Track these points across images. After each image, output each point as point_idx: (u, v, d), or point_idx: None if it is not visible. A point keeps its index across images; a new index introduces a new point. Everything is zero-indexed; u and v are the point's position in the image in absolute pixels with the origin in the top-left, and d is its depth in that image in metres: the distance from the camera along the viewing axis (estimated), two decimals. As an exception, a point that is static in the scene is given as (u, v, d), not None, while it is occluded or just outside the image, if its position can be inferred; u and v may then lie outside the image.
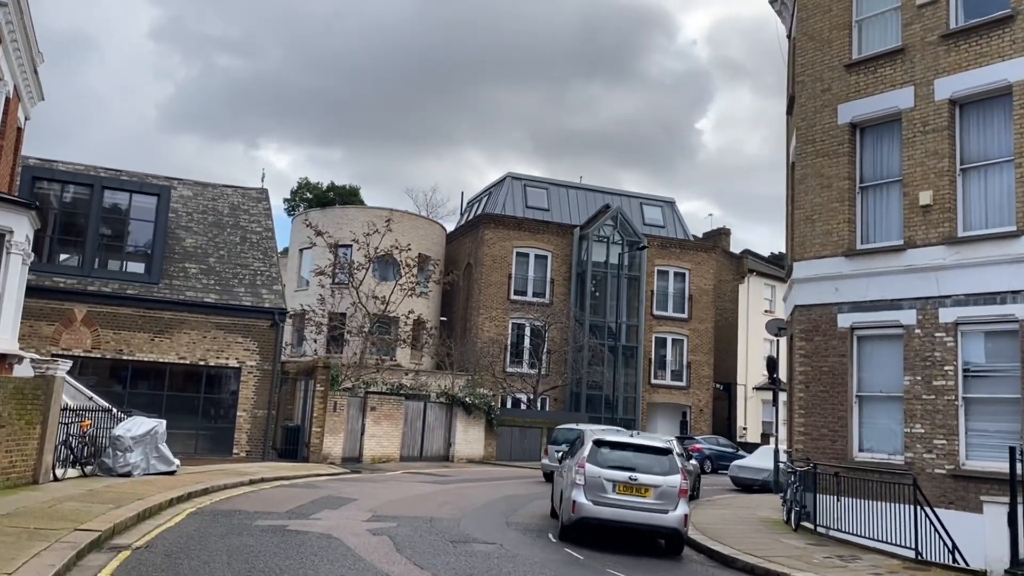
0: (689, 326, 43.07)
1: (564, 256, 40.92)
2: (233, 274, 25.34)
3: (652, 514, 12.50)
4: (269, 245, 27.43)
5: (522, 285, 40.36)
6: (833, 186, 17.42)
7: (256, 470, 20.71)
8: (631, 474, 12.64)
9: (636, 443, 13.38)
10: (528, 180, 43.35)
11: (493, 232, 39.87)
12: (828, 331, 17.09)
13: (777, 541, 14.02)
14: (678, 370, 42.88)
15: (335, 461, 26.29)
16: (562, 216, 42.34)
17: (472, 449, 31.89)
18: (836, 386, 16.79)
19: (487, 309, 39.29)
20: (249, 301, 24.50)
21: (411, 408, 29.93)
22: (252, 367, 24.22)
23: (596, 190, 44.70)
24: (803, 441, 17.17)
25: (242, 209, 28.70)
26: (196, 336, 23.69)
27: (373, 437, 28.09)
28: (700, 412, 42.73)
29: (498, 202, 41.57)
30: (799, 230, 17.96)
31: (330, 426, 26.39)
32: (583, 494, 12.60)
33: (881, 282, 16.20)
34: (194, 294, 23.99)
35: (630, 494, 12.59)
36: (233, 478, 18.49)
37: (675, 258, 43.14)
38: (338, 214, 39.80)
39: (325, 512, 14.65)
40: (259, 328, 24.43)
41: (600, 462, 12.83)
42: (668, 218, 45.23)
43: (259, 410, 24.16)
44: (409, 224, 39.39)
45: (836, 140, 17.51)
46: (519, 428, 33.55)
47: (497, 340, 38.38)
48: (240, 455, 23.78)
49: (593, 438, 13.27)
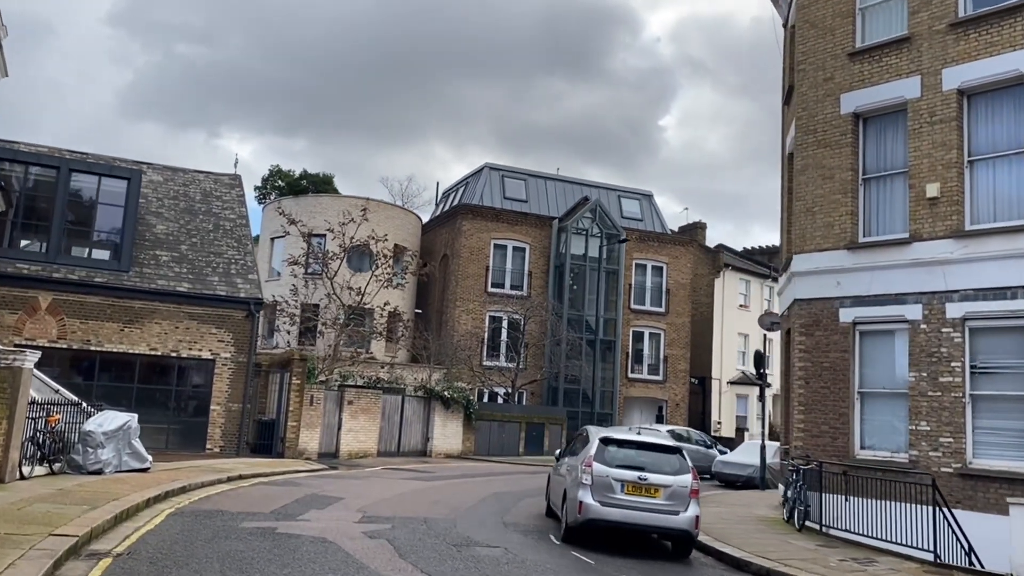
0: (666, 320, 42.75)
1: (542, 248, 40.33)
2: (206, 262, 24.36)
3: (662, 515, 11.96)
4: (243, 233, 26.46)
5: (500, 277, 39.70)
6: (835, 177, 17.01)
7: (232, 467, 19.86)
8: (640, 473, 12.09)
9: (644, 441, 12.83)
10: (506, 171, 42.66)
11: (471, 223, 39.14)
12: (829, 326, 16.69)
13: (785, 542, 13.56)
14: (655, 364, 42.55)
15: (311, 456, 25.47)
16: (540, 208, 41.74)
17: (450, 444, 31.21)
18: (837, 382, 16.41)
19: (464, 301, 38.58)
20: (223, 290, 23.56)
21: (389, 402, 29.17)
22: (226, 359, 23.29)
23: (574, 182, 44.16)
24: (803, 438, 16.77)
25: (215, 195, 27.67)
26: (168, 326, 22.71)
27: (350, 432, 27.29)
28: (676, 406, 42.45)
29: (476, 192, 40.84)
30: (799, 222, 17.53)
31: (306, 420, 25.54)
32: (590, 494, 12.02)
33: (885, 276, 15.82)
34: (166, 283, 22.99)
35: (639, 494, 12.03)
36: (210, 475, 17.64)
37: (653, 252, 42.75)
38: (311, 202, 38.79)
39: (312, 512, 13.91)
40: (234, 319, 23.50)
41: (607, 461, 12.26)
42: (646, 211, 44.84)
43: (234, 404, 23.24)
44: (385, 214, 38.51)
45: (838, 130, 17.10)
46: (497, 422, 32.95)
47: (474, 333, 37.70)
48: (214, 450, 22.87)
49: (599, 435, 12.68)
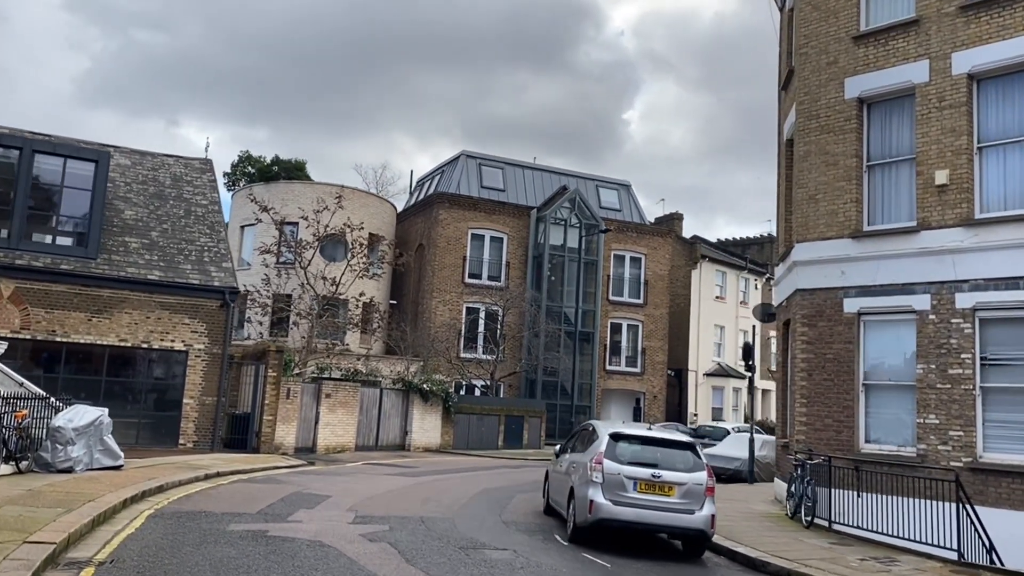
0: (644, 312, 42.35)
1: (520, 238, 39.66)
2: (178, 250, 23.33)
3: (677, 514, 11.38)
4: (216, 219, 25.43)
5: (477, 268, 38.98)
6: (839, 164, 16.55)
7: (209, 463, 18.97)
8: (654, 471, 11.49)
9: (656, 437, 12.24)
10: (483, 159, 41.88)
11: (448, 212, 38.33)
12: (833, 316, 16.24)
13: (796, 540, 13.08)
14: (633, 356, 42.16)
15: (287, 451, 24.59)
16: (518, 197, 41.05)
17: (429, 438, 30.48)
18: (841, 374, 15.97)
19: (440, 292, 37.79)
20: (197, 279, 22.56)
21: (367, 395, 28.34)
22: (200, 350, 22.32)
23: (552, 171, 43.52)
24: (805, 432, 16.32)
25: (185, 180, 26.59)
26: (138, 316, 21.67)
27: (328, 426, 26.44)
28: (654, 399, 42.11)
29: (452, 181, 40.02)
30: (801, 210, 17.05)
31: (283, 414, 24.66)
32: (601, 493, 11.40)
33: (892, 265, 15.39)
34: (136, 270, 21.93)
35: (653, 493, 11.44)
36: (186, 473, 16.75)
37: (631, 242, 42.29)
38: (283, 189, 37.69)
39: (302, 513, 13.14)
40: (208, 308, 22.52)
41: (618, 458, 11.65)
42: (624, 201, 44.36)
43: (208, 397, 22.29)
44: (359, 202, 37.54)
45: (843, 116, 16.62)
46: (476, 415, 32.26)
47: (451, 324, 36.94)
48: (187, 446, 21.91)
49: (609, 431, 12.06)
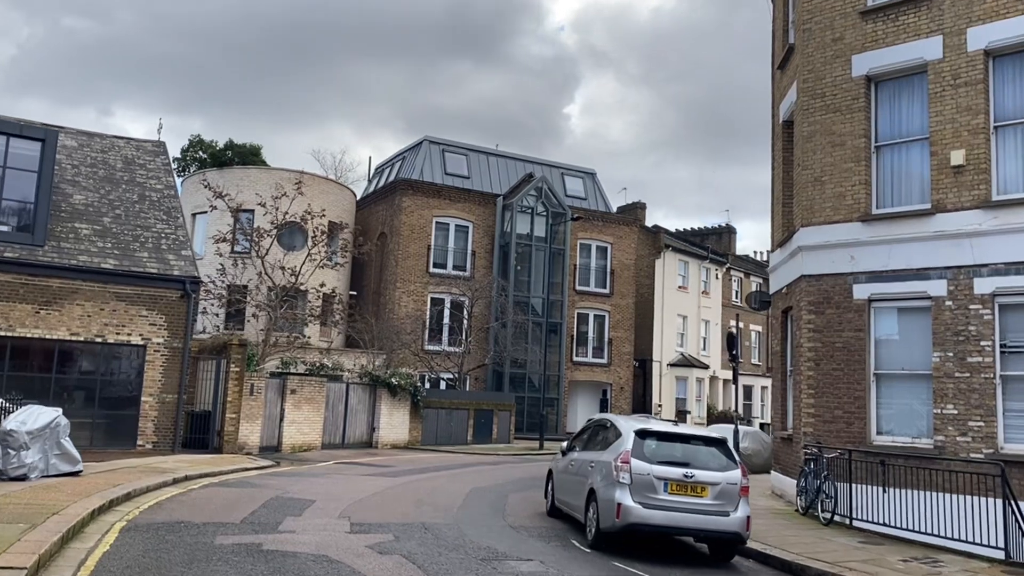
0: (611, 302, 41.64)
1: (486, 227, 38.55)
2: (133, 237, 21.73)
3: (711, 517, 10.52)
4: (173, 204, 23.84)
5: (442, 257, 37.79)
6: (846, 144, 15.87)
7: (174, 466, 17.58)
8: (686, 470, 10.61)
9: (686, 433, 11.37)
10: (446, 145, 40.61)
11: (411, 199, 37.02)
12: (842, 303, 15.58)
13: (823, 539, 12.35)
14: (599, 347, 41.44)
15: (251, 451, 23.21)
16: (483, 184, 39.92)
17: (397, 434, 29.29)
18: (851, 363, 15.33)
19: (405, 282, 36.51)
20: (155, 268, 21.02)
21: (333, 390, 27.03)
22: (159, 344, 20.80)
23: (517, 158, 42.48)
24: (813, 424, 15.65)
25: (138, 163, 24.91)
26: (92, 308, 20.08)
27: (293, 423, 25.08)
28: (620, 390, 41.47)
29: (415, 167, 38.69)
30: (805, 193, 16.34)
31: (246, 412, 23.25)
32: (629, 495, 10.48)
33: (905, 250, 14.77)
34: (88, 259, 20.31)
35: (685, 494, 10.56)
36: (153, 477, 15.39)
37: (597, 231, 41.52)
38: (239, 175, 35.93)
39: (290, 521, 11.97)
40: (167, 299, 21.00)
41: (647, 457, 10.73)
42: (589, 190, 43.56)
43: (168, 395, 20.79)
44: (319, 188, 36.00)
45: (850, 94, 15.94)
46: (445, 410, 31.16)
47: (415, 316, 35.71)
48: (146, 447, 20.41)
49: (635, 428, 11.13)
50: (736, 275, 52.67)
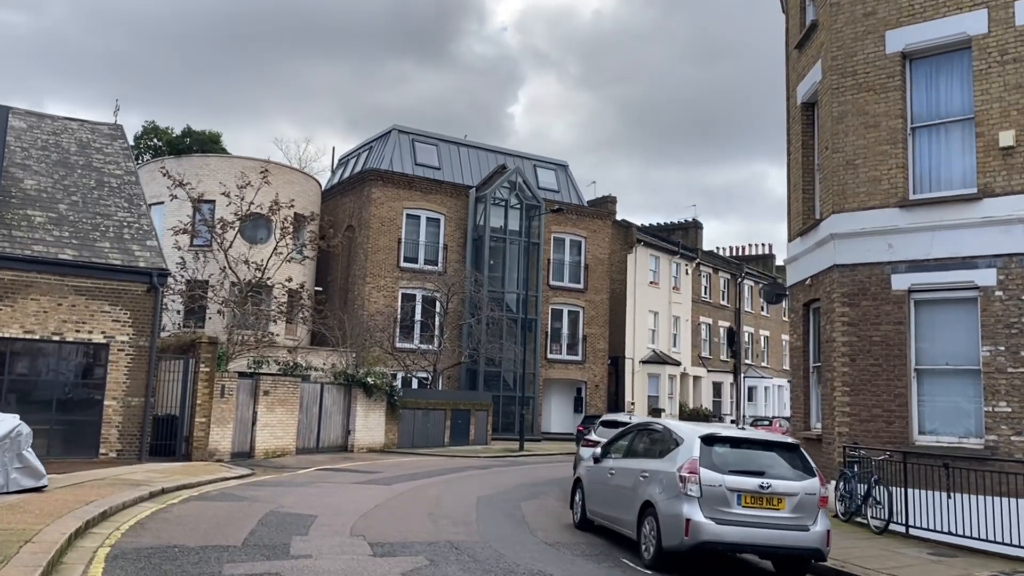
0: (585, 297, 40.55)
1: (458, 220, 37.10)
2: (93, 225, 19.84)
3: (789, 532, 9.34)
4: (134, 191, 21.95)
5: (413, 251, 36.20)
6: (881, 125, 14.89)
7: (145, 477, 15.87)
8: (762, 480, 9.41)
9: (757, 439, 10.17)
10: (416, 134, 39.00)
11: (381, 190, 35.35)
12: (879, 295, 14.60)
13: (891, 551, 11.29)
14: (574, 344, 40.31)
15: (223, 458, 21.49)
16: (454, 176, 38.43)
17: (373, 436, 27.72)
18: (890, 359, 14.35)
19: (375, 277, 34.86)
20: (118, 259, 19.18)
21: (307, 391, 25.35)
22: (124, 343, 18.98)
23: (488, 149, 41.08)
24: (849, 423, 14.65)
25: (93, 147, 22.94)
26: (48, 303, 18.18)
27: (267, 427, 23.37)
28: (595, 388, 40.41)
29: (383, 157, 37.01)
30: (837, 177, 15.32)
31: (217, 415, 21.50)
32: (699, 510, 9.24)
33: (949, 237, 13.84)
34: (44, 249, 18.41)
35: (760, 507, 9.36)
36: (126, 491, 13.70)
37: (571, 225, 40.36)
38: (198, 164, 33.86)
39: (299, 541, 10.49)
40: (132, 293, 19.18)
41: (717, 465, 9.50)
42: (562, 182, 42.39)
43: (134, 398, 18.99)
44: (283, 178, 34.10)
45: (884, 72, 14.97)
46: (422, 411, 29.68)
47: (386, 312, 34.07)
48: (109, 456, 18.59)
49: (699, 433, 9.89)
50: (705, 270, 52.08)
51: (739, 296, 55.37)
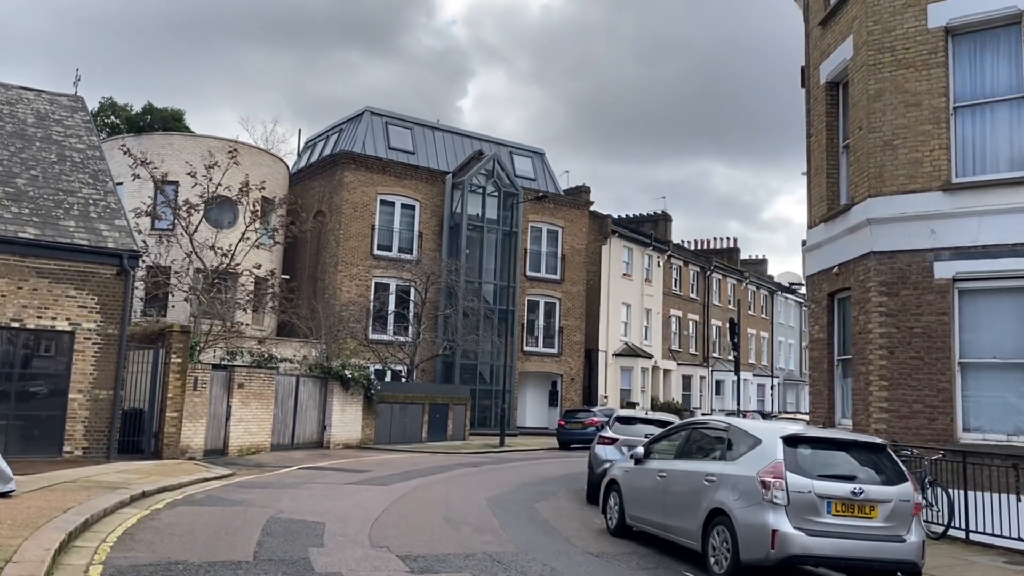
0: (561, 288, 39.49)
1: (434, 207, 35.70)
2: (56, 202, 18.14)
3: (883, 543, 8.35)
4: (99, 167, 20.23)
5: (387, 238, 34.71)
6: (923, 104, 14.02)
7: (120, 478, 14.37)
8: (855, 486, 8.40)
9: (844, 439, 9.18)
10: (389, 117, 37.43)
11: (354, 174, 33.77)
12: (921, 283, 13.75)
13: (961, 560, 10.43)
14: (551, 336, 39.24)
15: (195, 455, 19.96)
16: (429, 161, 36.99)
17: (349, 432, 26.31)
18: (933, 351, 13.51)
19: (347, 265, 33.31)
20: (84, 238, 17.53)
21: (283, 384, 23.86)
22: (91, 331, 17.35)
23: (464, 134, 39.73)
24: (887, 420, 13.78)
25: (53, 119, 21.14)
26: (7, 286, 16.49)
27: (241, 422, 21.85)
28: (571, 381, 39.43)
29: (356, 139, 35.38)
30: (874, 158, 14.43)
31: (189, 410, 19.95)
32: (787, 519, 8.20)
33: (998, 222, 13.02)
34: (2, 226, 16.69)
35: (852, 515, 8.35)
36: (104, 496, 12.24)
37: (548, 214, 39.24)
38: (160, 143, 31.87)
39: (318, 555, 9.23)
40: (100, 277, 17.55)
41: (804, 470, 8.46)
42: (539, 170, 41.23)
43: (101, 391, 17.38)
44: (252, 160, 32.32)
45: (926, 48, 14.09)
46: (399, 405, 28.33)
47: (359, 302, 32.58)
48: (74, 454, 16.98)
49: (780, 433, 8.84)
50: (676, 263, 51.46)
51: (708, 289, 54.93)
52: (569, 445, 30.59)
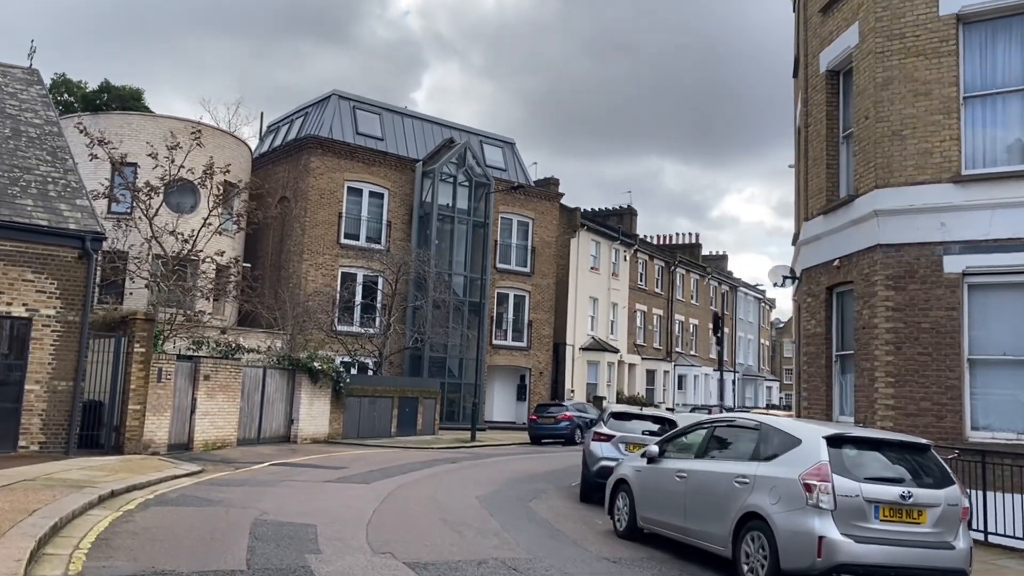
0: (531, 281, 38.86)
1: (403, 195, 34.75)
2: (11, 180, 16.93)
3: (932, 551, 7.85)
4: (58, 144, 19.03)
5: (354, 227, 33.67)
6: (933, 94, 13.64)
7: (83, 476, 13.36)
8: (904, 489, 7.88)
9: (889, 439, 8.64)
10: (357, 101, 36.34)
11: (321, 160, 32.66)
12: (929, 277, 13.37)
13: (991, 564, 10.02)
14: (520, 330, 38.59)
15: (159, 450, 18.89)
16: (398, 147, 36.00)
17: (317, 426, 25.36)
18: (941, 347, 13.15)
19: (313, 254, 32.23)
20: (43, 219, 16.38)
21: (249, 376, 22.83)
22: (50, 317, 16.22)
23: (434, 121, 38.76)
24: (893, 417, 13.38)
25: (6, 92, 19.85)
26: (-42, 269, 15.31)
27: (207, 416, 20.80)
28: (540, 375, 38.84)
29: (322, 124, 34.22)
30: (881, 148, 14.02)
31: (153, 402, 18.87)
32: (833, 525, 7.66)
33: (1010, 216, 12.70)
34: (-48, 204, 15.50)
35: (900, 521, 7.84)
36: (70, 496, 11.27)
37: (519, 206, 38.56)
38: (119, 122, 30.40)
39: (318, 563, 8.47)
40: (60, 260, 16.42)
41: (851, 472, 7.93)
42: (509, 161, 40.50)
43: (61, 381, 16.27)
44: (215, 142, 30.99)
45: (937, 36, 13.71)
46: (368, 398, 27.45)
47: (324, 291, 31.54)
48: (31, 449, 15.87)
49: (822, 433, 8.28)
50: (642, 257, 51.20)
51: (672, 284, 54.80)
52: (541, 440, 30.06)
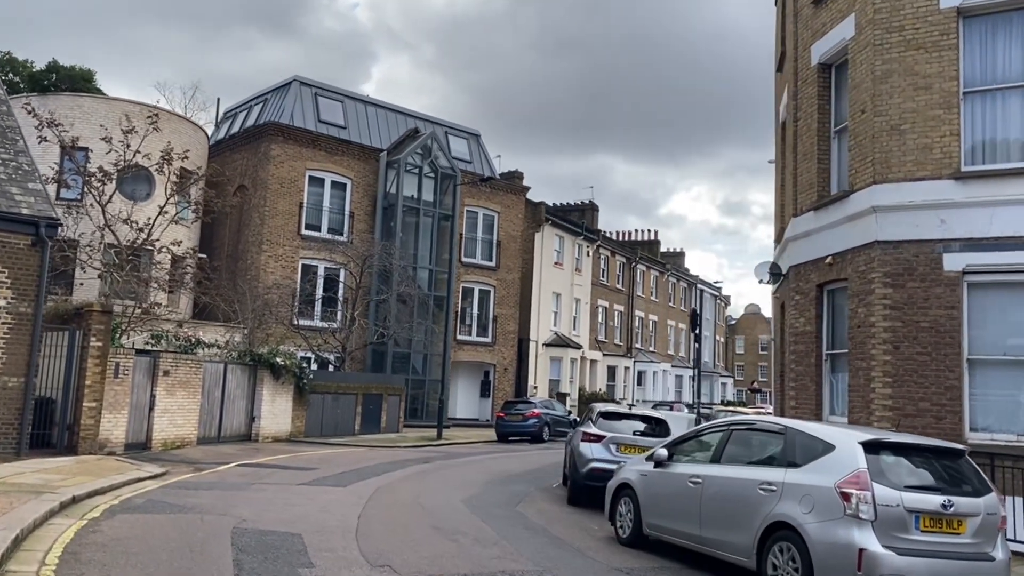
0: (497, 276, 38.20)
1: (367, 186, 33.79)
2: (-42, 160, 15.78)
3: (972, 562, 7.46)
4: (7, 123, 17.83)
5: (315, 218, 32.62)
6: (933, 88, 13.36)
7: (39, 480, 12.40)
8: (945, 498, 7.47)
9: (926, 444, 8.21)
10: (320, 88, 35.22)
11: (282, 147, 31.54)
12: (929, 276, 13.10)
13: (1008, 571, 9.67)
14: (484, 325, 37.93)
15: (115, 450, 17.88)
16: (361, 136, 35.00)
17: (279, 424, 24.42)
18: (940, 347, 12.88)
19: (272, 245, 31.13)
20: (-7, 204, 15.27)
21: (210, 372, 21.82)
22: (0, 309, 15.12)
23: (398, 111, 37.79)
24: (891, 419, 13.09)
25: (-50, 67, 18.56)
26: (-101, 255, 14.15)
27: (166, 413, 19.78)
28: (504, 371, 38.24)
29: (283, 110, 33.07)
30: (879, 143, 13.70)
31: (110, 400, 17.84)
32: (874, 536, 7.21)
33: (1011, 214, 12.48)
34: None
35: (940, 531, 7.43)
36: (29, 503, 10.36)
37: (485, 199, 37.85)
38: (69, 104, 28.89)
39: (314, 580, 7.74)
40: (12, 247, 15.32)
41: (892, 481, 7.49)
42: (475, 152, 39.76)
43: (12, 377, 15.17)
44: (171, 127, 29.70)
45: (937, 29, 13.44)
46: (331, 395, 26.57)
47: (284, 284, 30.49)
48: (-23, 450, 14.78)
49: (859, 438, 7.83)
50: (604, 253, 50.91)
51: (633, 280, 54.66)
52: (508, 437, 29.51)
